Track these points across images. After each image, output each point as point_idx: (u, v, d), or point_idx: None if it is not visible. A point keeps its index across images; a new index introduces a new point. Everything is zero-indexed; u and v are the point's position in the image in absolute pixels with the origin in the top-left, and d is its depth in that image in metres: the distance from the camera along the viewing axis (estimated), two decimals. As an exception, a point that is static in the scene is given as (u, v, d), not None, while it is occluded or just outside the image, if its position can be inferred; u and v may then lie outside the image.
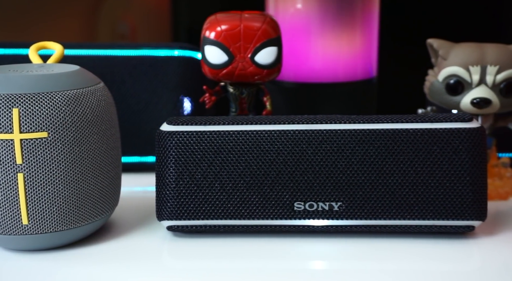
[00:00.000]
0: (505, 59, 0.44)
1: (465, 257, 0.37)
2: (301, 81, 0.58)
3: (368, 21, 0.58)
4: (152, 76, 0.56)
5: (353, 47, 0.58)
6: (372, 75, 0.60)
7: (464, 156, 0.36)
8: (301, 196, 0.37)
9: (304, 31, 0.57)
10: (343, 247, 0.38)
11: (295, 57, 0.58)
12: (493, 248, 0.37)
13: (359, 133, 0.37)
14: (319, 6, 0.56)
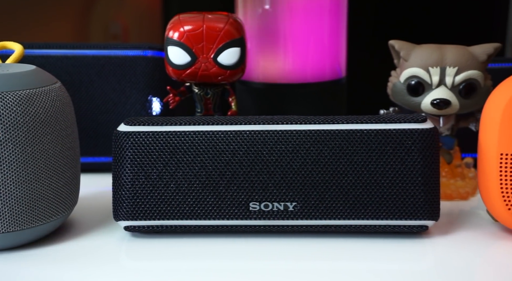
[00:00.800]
0: (464, 60, 0.44)
1: (419, 257, 0.37)
2: (270, 82, 0.58)
3: (336, 22, 0.59)
4: (120, 76, 0.56)
5: (321, 47, 0.58)
6: (340, 76, 0.60)
7: (416, 156, 0.37)
8: (256, 196, 0.37)
9: (273, 31, 0.57)
10: (298, 247, 0.38)
11: (263, 57, 0.58)
12: (447, 247, 0.38)
13: (314, 134, 0.37)
14: (287, 7, 0.56)
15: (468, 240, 0.38)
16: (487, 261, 0.37)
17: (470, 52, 0.45)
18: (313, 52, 0.58)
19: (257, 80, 0.59)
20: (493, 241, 0.38)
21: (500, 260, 0.37)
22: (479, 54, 0.45)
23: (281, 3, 0.57)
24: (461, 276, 0.35)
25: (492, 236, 0.39)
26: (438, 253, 0.38)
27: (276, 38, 0.57)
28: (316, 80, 0.59)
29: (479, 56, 0.45)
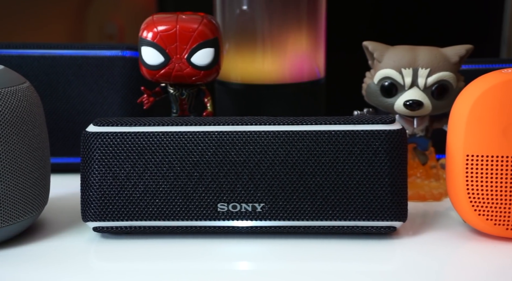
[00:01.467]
0: (436, 62, 0.45)
1: (387, 258, 0.37)
2: (248, 83, 0.59)
3: (315, 23, 0.59)
4: (98, 76, 0.56)
5: (300, 48, 0.58)
6: (319, 77, 0.60)
7: (383, 157, 0.37)
8: (225, 197, 0.37)
9: (251, 32, 0.57)
10: (267, 248, 0.38)
11: (242, 58, 0.58)
12: (416, 248, 0.38)
13: (282, 135, 0.37)
14: (265, 8, 0.56)
15: (437, 240, 0.39)
16: (454, 261, 0.37)
17: (443, 53, 0.45)
18: (291, 53, 0.58)
19: (235, 81, 0.59)
20: (462, 242, 0.38)
21: (467, 261, 0.37)
22: (451, 55, 0.45)
23: (259, 4, 0.57)
24: (428, 277, 0.35)
25: (460, 237, 0.39)
26: (406, 253, 0.38)
27: (254, 39, 0.57)
28: (294, 81, 0.59)
29: (451, 58, 0.45)
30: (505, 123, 0.36)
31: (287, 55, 0.58)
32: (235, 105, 0.61)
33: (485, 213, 0.37)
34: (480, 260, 0.36)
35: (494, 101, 0.36)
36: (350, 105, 0.57)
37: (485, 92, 0.36)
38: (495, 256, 0.36)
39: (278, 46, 0.58)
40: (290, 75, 0.59)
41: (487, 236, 0.38)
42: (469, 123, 0.36)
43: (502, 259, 0.36)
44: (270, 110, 0.59)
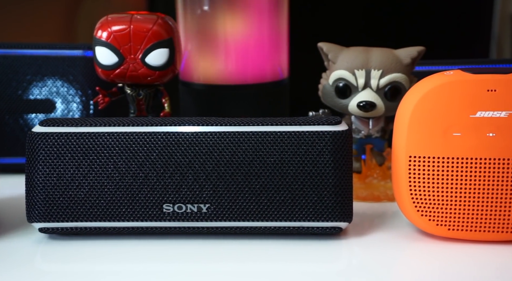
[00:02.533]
0: (388, 63, 0.45)
1: (333, 258, 0.37)
2: (210, 83, 0.59)
3: (277, 23, 0.59)
4: (59, 76, 0.55)
5: (261, 49, 0.58)
6: (282, 77, 0.60)
7: (327, 158, 0.37)
8: (170, 198, 0.37)
9: (212, 33, 0.57)
10: (213, 249, 0.38)
11: (203, 59, 0.58)
12: (363, 249, 0.38)
13: (227, 136, 0.37)
14: (226, 8, 0.56)
15: (383, 241, 0.39)
16: (398, 262, 0.37)
17: (395, 55, 0.45)
18: (253, 53, 0.58)
19: (197, 81, 0.59)
20: (407, 243, 0.38)
21: (411, 261, 0.37)
22: (403, 57, 0.45)
23: (220, 4, 0.57)
24: (372, 277, 0.35)
25: (407, 237, 0.39)
26: (352, 254, 0.38)
27: (215, 39, 0.57)
28: (257, 81, 0.59)
29: (404, 60, 0.45)
30: (446, 125, 0.36)
31: (248, 56, 0.58)
32: (198, 106, 0.61)
33: (428, 213, 0.37)
34: (423, 260, 0.37)
35: (435, 103, 0.36)
36: (314, 106, 0.58)
37: (426, 94, 0.36)
38: (438, 256, 0.36)
39: (240, 47, 0.58)
40: (252, 75, 0.59)
41: (433, 236, 0.39)
42: (411, 125, 0.36)
43: (444, 259, 0.36)
44: (233, 111, 0.59)
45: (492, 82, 0.35)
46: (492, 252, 0.36)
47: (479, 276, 0.34)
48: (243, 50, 0.58)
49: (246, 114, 0.56)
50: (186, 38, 0.59)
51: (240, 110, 0.59)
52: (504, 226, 0.36)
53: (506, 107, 0.35)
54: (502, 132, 0.35)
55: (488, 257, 0.36)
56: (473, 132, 0.35)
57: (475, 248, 0.37)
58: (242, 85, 0.59)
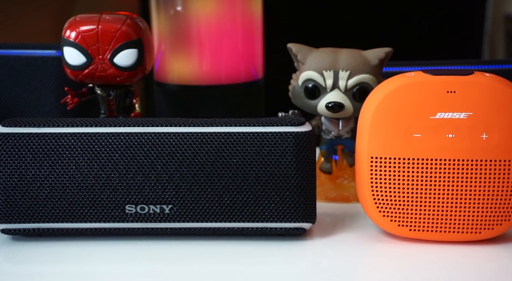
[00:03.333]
0: (356, 64, 0.45)
1: (297, 259, 0.37)
2: (184, 84, 0.59)
3: (250, 23, 0.59)
4: (31, 76, 0.55)
5: (235, 49, 0.58)
6: (256, 78, 0.60)
7: (290, 159, 0.37)
8: (132, 199, 0.37)
9: (185, 33, 0.57)
10: (176, 249, 0.38)
11: (177, 59, 0.58)
12: (326, 249, 0.38)
13: (190, 136, 0.37)
14: (199, 9, 0.56)
15: (349, 242, 0.39)
16: (363, 262, 0.37)
17: (363, 56, 0.46)
18: (227, 54, 0.58)
19: (172, 82, 0.59)
20: (371, 243, 0.38)
21: (374, 262, 0.37)
22: (371, 58, 0.45)
23: (193, 5, 0.56)
24: (335, 278, 0.35)
25: (371, 238, 0.39)
26: (317, 255, 0.38)
27: (189, 39, 0.57)
28: (230, 82, 0.59)
29: (372, 61, 0.45)
30: (406, 126, 0.36)
31: (222, 56, 0.58)
32: (172, 107, 0.60)
33: (389, 214, 0.37)
34: (385, 261, 0.37)
35: (395, 104, 0.36)
36: (290, 106, 0.58)
37: (387, 95, 0.36)
38: (400, 257, 0.36)
39: (213, 47, 0.58)
40: (226, 76, 0.59)
41: (396, 237, 0.39)
42: (372, 126, 0.36)
43: (406, 260, 0.36)
44: (207, 112, 0.59)
45: (451, 83, 0.35)
46: (452, 252, 0.37)
47: (440, 277, 0.34)
48: (217, 50, 0.58)
49: (220, 115, 0.56)
50: (160, 39, 0.59)
51: (214, 111, 0.59)
52: (464, 227, 0.36)
53: (465, 109, 0.35)
54: (461, 133, 0.35)
55: (449, 257, 0.36)
56: (433, 134, 0.36)
57: (437, 249, 0.37)
58: (216, 86, 0.59)
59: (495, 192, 0.35)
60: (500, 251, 0.37)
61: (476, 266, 0.35)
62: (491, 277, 0.34)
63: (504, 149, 0.35)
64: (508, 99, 0.35)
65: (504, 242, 0.38)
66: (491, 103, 0.35)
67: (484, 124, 0.35)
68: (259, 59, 0.62)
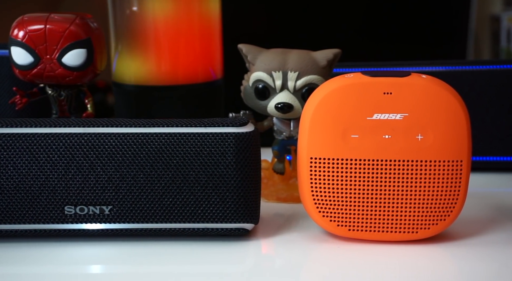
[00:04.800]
0: (305, 65, 0.45)
1: (239, 260, 0.37)
2: (142, 84, 0.58)
3: (208, 24, 0.59)
4: (-14, 75, 0.55)
5: (193, 49, 0.58)
6: (214, 78, 0.60)
7: (230, 159, 0.37)
8: (72, 200, 0.37)
9: (141, 33, 0.57)
10: (117, 250, 0.38)
11: (134, 59, 0.58)
12: (270, 249, 0.38)
13: (130, 137, 0.37)
14: (156, 9, 0.56)
15: (292, 242, 0.39)
16: (303, 263, 0.37)
17: (312, 57, 0.46)
18: (184, 54, 0.58)
19: (129, 82, 0.59)
20: (314, 243, 0.39)
21: (315, 262, 0.37)
22: (320, 59, 0.46)
23: (149, 5, 0.56)
24: (275, 278, 0.35)
25: (315, 238, 0.39)
26: (259, 255, 0.38)
27: (145, 40, 0.57)
28: (188, 82, 0.59)
29: (320, 62, 0.46)
30: (344, 127, 0.36)
31: (179, 57, 0.58)
32: (130, 107, 0.60)
33: (329, 214, 0.37)
34: (326, 261, 0.37)
35: (333, 105, 0.36)
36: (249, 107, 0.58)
37: (325, 96, 0.36)
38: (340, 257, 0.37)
39: (170, 48, 0.57)
40: (183, 76, 0.59)
41: (339, 237, 0.39)
42: (311, 127, 0.36)
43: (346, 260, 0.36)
44: (165, 112, 0.59)
45: (388, 85, 0.36)
46: (392, 252, 0.37)
47: (378, 276, 0.34)
48: (174, 51, 0.57)
49: (178, 116, 0.56)
50: (117, 39, 0.59)
51: (172, 111, 0.59)
52: (401, 227, 0.37)
53: (401, 110, 0.36)
54: (397, 134, 0.36)
55: (388, 257, 0.36)
56: (370, 134, 0.36)
57: (377, 248, 0.37)
58: (173, 86, 0.58)
59: (431, 192, 0.36)
60: (439, 251, 0.37)
61: (415, 265, 0.35)
62: (429, 276, 0.34)
63: (439, 150, 0.35)
64: (443, 101, 0.35)
65: (442, 242, 0.38)
66: (426, 104, 0.35)
67: (419, 125, 0.35)
68: (218, 59, 0.62)
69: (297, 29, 0.72)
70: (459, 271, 0.35)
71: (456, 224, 0.40)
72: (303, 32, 0.72)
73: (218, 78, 0.62)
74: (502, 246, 0.38)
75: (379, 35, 0.73)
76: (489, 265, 0.35)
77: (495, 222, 0.42)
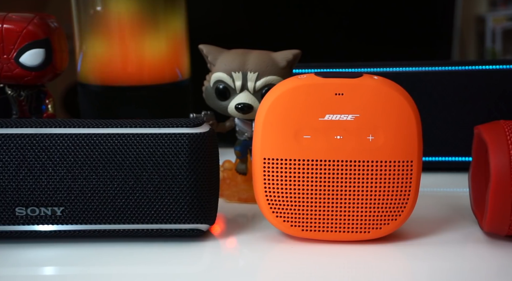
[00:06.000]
0: (264, 66, 0.45)
1: (194, 260, 0.37)
2: (107, 85, 0.58)
3: (174, 24, 0.59)
4: None
5: (158, 50, 0.58)
6: (181, 78, 0.60)
7: (183, 160, 0.37)
8: (23, 201, 0.36)
9: (106, 33, 0.56)
10: (70, 252, 0.37)
11: (99, 60, 0.57)
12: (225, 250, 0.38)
13: (83, 138, 0.37)
14: (120, 8, 0.56)
15: (249, 242, 0.39)
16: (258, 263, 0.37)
17: (272, 58, 0.46)
18: (150, 54, 0.58)
19: (94, 83, 0.58)
20: (270, 244, 0.39)
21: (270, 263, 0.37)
22: (279, 60, 0.46)
23: (113, 5, 0.56)
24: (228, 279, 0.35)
25: (272, 239, 0.39)
26: (214, 256, 0.38)
27: (110, 40, 0.56)
28: (154, 82, 0.59)
29: (280, 62, 0.46)
30: (297, 128, 0.36)
31: (145, 57, 0.58)
32: (95, 108, 0.60)
33: (282, 214, 0.37)
34: (280, 261, 0.37)
35: (286, 106, 0.36)
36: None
37: (278, 97, 0.36)
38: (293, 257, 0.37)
39: (135, 48, 0.57)
40: (149, 76, 0.59)
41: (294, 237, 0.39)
42: (264, 128, 0.36)
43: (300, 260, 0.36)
44: (130, 112, 0.59)
45: (339, 86, 0.36)
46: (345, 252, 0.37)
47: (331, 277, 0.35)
48: (139, 51, 0.57)
49: (144, 116, 0.55)
50: (81, 39, 0.58)
51: (138, 112, 0.59)
52: (353, 226, 0.37)
53: (352, 111, 0.36)
54: (349, 135, 0.36)
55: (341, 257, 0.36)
56: (322, 135, 0.36)
57: (331, 249, 0.37)
58: (138, 87, 0.58)
59: (382, 192, 0.36)
60: (392, 250, 0.37)
61: (368, 265, 0.36)
62: (382, 276, 0.35)
63: (389, 150, 0.36)
64: (393, 102, 0.36)
65: (395, 241, 0.38)
66: (377, 105, 0.36)
67: (370, 126, 0.36)
68: (185, 60, 0.61)
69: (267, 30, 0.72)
70: (412, 271, 0.36)
71: (410, 224, 0.40)
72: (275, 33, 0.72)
73: (185, 78, 0.61)
74: (455, 245, 0.38)
75: (363, 36, 0.73)
76: (442, 264, 0.36)
77: (449, 221, 0.42)
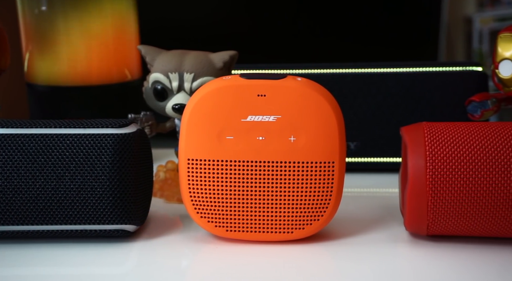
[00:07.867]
0: (201, 67, 0.45)
1: (121, 261, 0.37)
2: (54, 84, 0.58)
3: (122, 24, 0.58)
4: None
5: (106, 50, 0.58)
6: (129, 79, 0.60)
7: (106, 160, 0.37)
8: None
9: (52, 33, 0.56)
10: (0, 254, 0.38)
11: (45, 60, 0.57)
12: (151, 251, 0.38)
13: (6, 138, 0.36)
14: (66, 8, 0.55)
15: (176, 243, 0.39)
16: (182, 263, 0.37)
17: (209, 59, 0.46)
18: (97, 54, 0.58)
19: (41, 83, 0.58)
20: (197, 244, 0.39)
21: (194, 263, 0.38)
22: (216, 61, 0.46)
23: (59, 4, 0.56)
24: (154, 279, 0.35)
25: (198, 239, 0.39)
26: (140, 257, 0.38)
27: (55, 40, 0.56)
28: (102, 82, 0.59)
29: (216, 64, 0.46)
30: (220, 128, 0.37)
31: (92, 57, 0.57)
32: (43, 108, 0.59)
33: (207, 215, 0.37)
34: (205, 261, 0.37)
35: (209, 107, 0.36)
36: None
37: (201, 98, 0.36)
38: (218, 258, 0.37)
39: (82, 48, 0.57)
40: (97, 77, 0.59)
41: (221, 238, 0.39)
42: (188, 128, 0.37)
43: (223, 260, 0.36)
44: (78, 112, 0.58)
45: (262, 87, 0.36)
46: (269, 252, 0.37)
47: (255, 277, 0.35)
48: (86, 51, 0.57)
49: (92, 116, 0.55)
50: (27, 39, 0.58)
51: (85, 112, 0.58)
52: (276, 227, 0.37)
53: (274, 112, 0.36)
54: (271, 136, 0.36)
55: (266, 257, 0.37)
56: (244, 136, 0.36)
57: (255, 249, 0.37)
58: (86, 87, 0.58)
59: (304, 192, 0.36)
60: (318, 250, 0.37)
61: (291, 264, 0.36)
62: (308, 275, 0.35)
63: (310, 151, 0.36)
64: (314, 103, 0.36)
65: (322, 241, 0.38)
66: (299, 106, 0.36)
67: (292, 127, 0.36)
68: (134, 60, 0.61)
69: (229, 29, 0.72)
70: (339, 270, 0.36)
71: (339, 224, 0.41)
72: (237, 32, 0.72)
73: (135, 78, 0.61)
74: (378, 245, 0.38)
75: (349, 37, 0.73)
76: (362, 263, 0.36)
77: (379, 221, 0.42)
